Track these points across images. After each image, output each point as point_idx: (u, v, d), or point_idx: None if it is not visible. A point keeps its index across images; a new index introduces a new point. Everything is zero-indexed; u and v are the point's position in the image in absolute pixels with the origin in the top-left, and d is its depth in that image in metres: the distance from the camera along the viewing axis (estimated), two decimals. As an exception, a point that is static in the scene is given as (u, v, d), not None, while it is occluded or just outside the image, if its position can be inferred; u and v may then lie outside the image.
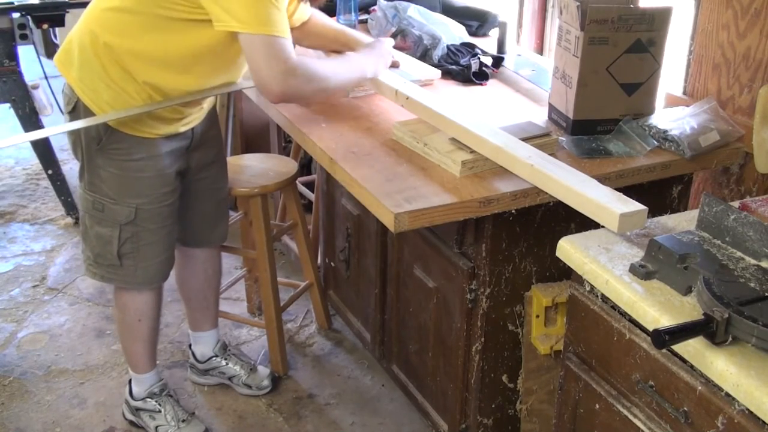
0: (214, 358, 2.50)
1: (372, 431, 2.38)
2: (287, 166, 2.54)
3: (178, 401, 2.35)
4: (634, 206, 1.45)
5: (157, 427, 2.29)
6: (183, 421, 2.29)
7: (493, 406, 2.01)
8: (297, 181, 2.71)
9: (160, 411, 2.29)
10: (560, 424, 1.59)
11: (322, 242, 2.80)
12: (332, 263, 2.73)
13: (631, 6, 1.85)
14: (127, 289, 2.15)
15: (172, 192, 2.06)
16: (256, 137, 3.51)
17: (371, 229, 2.33)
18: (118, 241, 2.03)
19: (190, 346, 2.54)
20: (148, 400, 2.30)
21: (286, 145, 3.39)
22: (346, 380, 2.59)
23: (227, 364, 2.49)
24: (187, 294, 2.44)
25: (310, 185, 3.06)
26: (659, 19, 1.84)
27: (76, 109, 1.93)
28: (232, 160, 2.56)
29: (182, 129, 2.03)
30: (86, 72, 1.89)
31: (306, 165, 3.31)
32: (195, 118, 2.07)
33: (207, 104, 2.11)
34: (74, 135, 1.98)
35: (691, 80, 2.05)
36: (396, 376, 2.39)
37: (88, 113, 1.91)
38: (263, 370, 2.53)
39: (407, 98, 1.93)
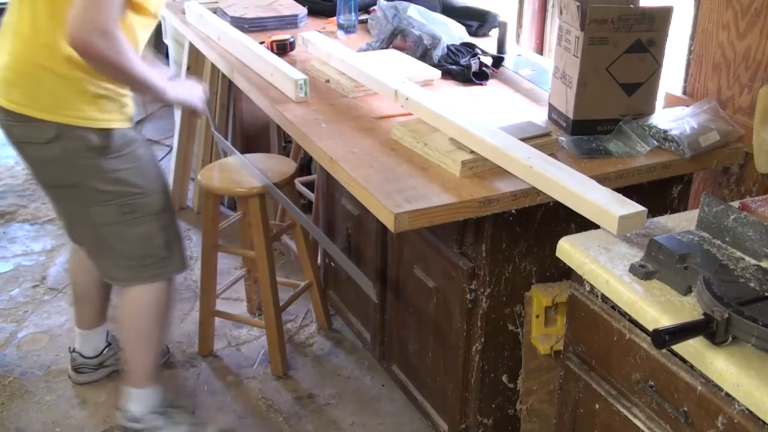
0: (106, 349, 2.45)
1: (372, 431, 2.38)
2: (286, 165, 2.54)
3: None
4: (633, 208, 1.45)
5: None
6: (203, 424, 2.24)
7: (493, 406, 2.01)
8: (296, 181, 2.71)
9: (180, 423, 2.19)
10: (560, 424, 1.59)
11: (322, 242, 2.80)
12: (332, 263, 2.73)
13: (631, 6, 1.85)
14: (158, 283, 2.09)
15: None
16: (256, 137, 3.51)
17: (371, 229, 2.33)
18: (161, 231, 2.04)
19: (73, 349, 2.46)
20: (154, 415, 2.17)
21: (286, 145, 3.39)
22: (346, 380, 2.59)
23: (121, 349, 2.38)
24: (81, 291, 2.37)
25: (310, 185, 3.06)
26: (659, 19, 1.84)
27: (61, 137, 1.87)
28: (231, 160, 2.56)
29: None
30: (60, 94, 1.84)
31: (306, 165, 3.31)
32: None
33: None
34: (64, 156, 1.90)
35: (691, 80, 2.05)
36: (396, 376, 2.39)
37: (75, 130, 1.86)
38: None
39: (407, 98, 1.94)
